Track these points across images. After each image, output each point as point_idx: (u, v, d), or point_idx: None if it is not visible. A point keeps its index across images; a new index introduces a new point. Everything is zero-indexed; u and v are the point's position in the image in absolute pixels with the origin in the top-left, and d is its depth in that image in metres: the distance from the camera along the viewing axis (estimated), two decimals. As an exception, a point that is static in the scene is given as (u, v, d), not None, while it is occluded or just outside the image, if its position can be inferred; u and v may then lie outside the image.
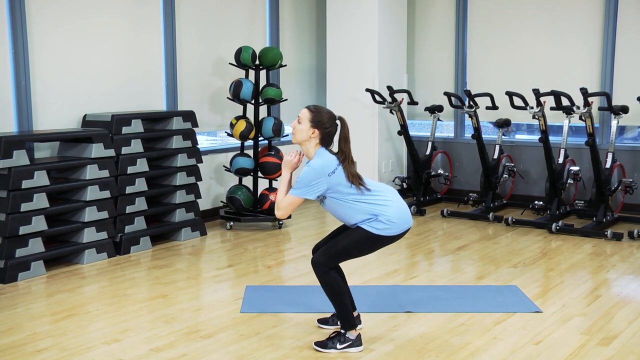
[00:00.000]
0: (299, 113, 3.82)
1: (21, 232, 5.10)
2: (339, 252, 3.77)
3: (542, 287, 4.96)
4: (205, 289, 5.02)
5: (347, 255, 3.80)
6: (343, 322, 3.81)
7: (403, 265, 5.60)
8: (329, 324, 4.13)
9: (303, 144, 3.81)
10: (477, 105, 7.37)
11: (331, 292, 3.75)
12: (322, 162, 3.73)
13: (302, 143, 3.81)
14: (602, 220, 6.65)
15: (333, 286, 3.74)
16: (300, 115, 3.80)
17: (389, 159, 8.25)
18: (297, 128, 3.79)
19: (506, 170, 7.52)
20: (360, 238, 3.75)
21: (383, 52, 7.94)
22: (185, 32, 6.87)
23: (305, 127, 3.77)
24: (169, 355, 3.76)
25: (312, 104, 3.97)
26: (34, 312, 4.45)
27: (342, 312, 3.79)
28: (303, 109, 3.82)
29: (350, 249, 3.78)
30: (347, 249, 3.77)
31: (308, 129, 3.76)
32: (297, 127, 3.79)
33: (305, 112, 3.79)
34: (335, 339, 3.82)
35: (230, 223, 6.76)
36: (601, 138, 7.36)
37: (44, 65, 5.73)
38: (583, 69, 7.48)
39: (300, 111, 3.83)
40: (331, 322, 4.13)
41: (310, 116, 3.77)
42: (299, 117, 3.79)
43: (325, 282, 3.74)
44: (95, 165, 5.61)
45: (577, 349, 3.82)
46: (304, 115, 3.78)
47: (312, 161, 3.76)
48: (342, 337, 3.80)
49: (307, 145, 3.80)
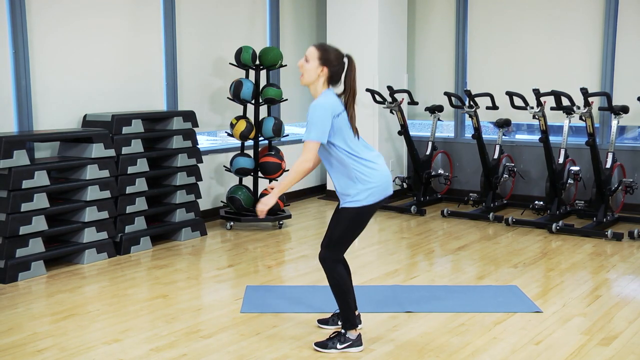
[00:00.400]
0: (306, 52, 3.69)
1: (21, 232, 5.10)
2: (338, 241, 3.77)
3: (542, 287, 4.96)
4: (206, 289, 5.02)
5: (347, 241, 3.80)
6: (344, 321, 3.81)
7: (403, 265, 5.60)
8: (329, 324, 4.13)
9: (311, 85, 3.70)
10: (477, 105, 7.37)
11: (337, 288, 3.76)
12: (329, 101, 3.63)
13: (310, 84, 3.70)
14: (603, 220, 6.65)
15: (339, 283, 3.76)
16: (307, 54, 3.68)
17: (389, 159, 8.25)
18: (305, 67, 3.66)
19: (506, 170, 7.52)
20: (349, 218, 3.73)
21: (383, 52, 7.94)
22: (186, 32, 6.87)
23: (313, 65, 3.66)
24: (169, 355, 3.76)
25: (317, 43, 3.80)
26: (34, 312, 4.45)
27: (344, 311, 3.80)
28: (310, 48, 3.70)
29: (346, 234, 3.77)
30: (343, 235, 3.77)
31: (317, 67, 3.65)
32: (305, 66, 3.66)
33: (313, 50, 3.67)
34: (335, 339, 3.82)
35: (230, 223, 6.76)
36: (601, 138, 7.36)
37: (44, 65, 5.73)
38: (583, 69, 7.48)
39: (306, 51, 3.71)
40: (331, 322, 4.13)
41: (318, 54, 3.66)
42: (306, 56, 3.67)
43: (332, 277, 3.76)
44: (96, 165, 5.61)
45: (578, 349, 3.82)
46: (312, 53, 3.67)
47: (318, 99, 3.65)
48: (342, 337, 3.81)
49: (315, 86, 3.69)
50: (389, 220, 7.20)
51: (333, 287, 3.78)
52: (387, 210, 7.64)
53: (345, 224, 3.74)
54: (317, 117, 3.59)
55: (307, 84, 3.71)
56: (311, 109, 3.62)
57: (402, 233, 6.69)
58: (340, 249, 3.80)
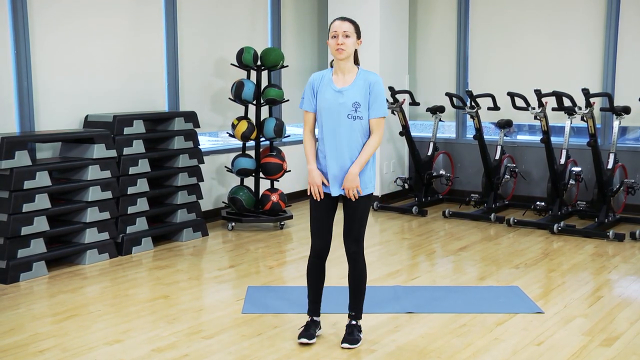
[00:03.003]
0: (336, 28, 3.68)
1: (23, 233, 5.10)
2: (363, 230, 3.82)
3: (543, 287, 4.96)
4: (207, 290, 5.02)
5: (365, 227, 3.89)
6: (360, 312, 3.92)
7: (405, 266, 5.60)
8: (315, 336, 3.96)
9: (347, 59, 3.72)
10: (478, 106, 7.37)
11: (364, 282, 3.87)
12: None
13: (347, 59, 3.72)
14: (604, 221, 6.64)
15: (366, 275, 3.88)
16: (345, 29, 3.67)
17: (391, 160, 8.25)
18: (347, 43, 3.67)
19: (508, 171, 7.52)
20: (368, 204, 3.81)
21: (385, 52, 7.94)
22: (187, 33, 6.88)
23: (354, 39, 3.71)
24: (171, 355, 3.76)
25: (340, 16, 3.84)
26: (36, 313, 4.45)
27: (362, 303, 3.90)
28: (344, 23, 3.70)
29: (366, 221, 3.85)
30: (365, 222, 3.83)
31: (355, 40, 3.73)
32: (346, 42, 3.67)
33: (349, 25, 3.71)
34: (356, 331, 3.89)
35: (231, 224, 6.76)
36: (603, 139, 7.35)
37: (46, 65, 5.74)
38: (585, 70, 7.47)
39: (335, 26, 3.69)
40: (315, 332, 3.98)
41: (354, 28, 3.73)
42: (345, 32, 3.67)
43: (364, 270, 3.85)
44: (97, 165, 5.61)
45: (579, 350, 3.82)
46: (350, 28, 3.69)
47: (376, 77, 3.73)
48: (359, 327, 3.92)
49: (350, 59, 3.74)
50: (391, 221, 7.20)
51: (363, 281, 3.86)
52: (389, 210, 7.64)
53: (367, 210, 3.82)
54: (383, 92, 3.77)
55: (346, 58, 3.72)
56: (380, 87, 3.72)
57: (404, 234, 6.69)
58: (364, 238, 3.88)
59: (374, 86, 3.70)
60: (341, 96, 3.70)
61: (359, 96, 3.69)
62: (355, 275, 3.85)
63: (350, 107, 3.69)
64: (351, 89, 3.71)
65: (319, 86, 3.78)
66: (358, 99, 3.69)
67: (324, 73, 3.82)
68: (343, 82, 3.74)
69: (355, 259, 3.81)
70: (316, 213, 3.82)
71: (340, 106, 3.70)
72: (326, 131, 3.74)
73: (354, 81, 3.73)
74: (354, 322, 3.91)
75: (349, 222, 3.79)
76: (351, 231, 3.79)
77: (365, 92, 3.70)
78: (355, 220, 3.78)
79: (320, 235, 3.83)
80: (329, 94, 3.73)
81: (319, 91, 3.77)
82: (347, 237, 3.80)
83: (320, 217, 3.81)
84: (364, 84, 3.71)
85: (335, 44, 3.68)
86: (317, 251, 3.86)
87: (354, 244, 3.80)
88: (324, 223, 3.82)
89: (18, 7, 5.48)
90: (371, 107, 3.71)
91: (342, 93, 3.71)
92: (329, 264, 3.98)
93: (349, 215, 3.79)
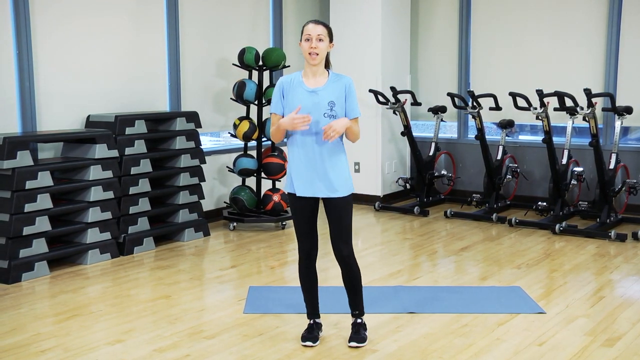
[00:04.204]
0: (310, 31, 3.64)
1: (25, 233, 5.11)
2: (351, 231, 3.84)
3: (545, 288, 4.95)
4: (209, 290, 5.02)
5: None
6: (362, 310, 3.93)
7: (406, 266, 5.59)
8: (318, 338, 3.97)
9: (320, 64, 3.71)
10: (480, 106, 7.36)
11: (360, 281, 3.87)
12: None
13: (319, 63, 3.71)
14: (606, 221, 6.64)
15: (360, 274, 3.88)
16: (319, 32, 3.63)
17: (392, 160, 8.25)
18: (321, 47, 3.65)
19: (509, 171, 7.51)
20: (351, 204, 3.84)
21: (386, 52, 7.94)
22: (189, 33, 6.88)
23: (327, 43, 3.70)
24: (172, 355, 3.76)
25: (313, 19, 3.82)
26: (38, 313, 4.46)
27: (362, 299, 3.91)
28: (317, 26, 3.66)
29: (352, 220, 3.87)
30: (351, 223, 3.85)
31: (328, 44, 3.72)
32: (319, 46, 3.65)
33: (323, 29, 3.67)
34: (361, 329, 3.91)
35: (233, 224, 6.77)
36: (605, 139, 7.35)
37: (48, 66, 5.74)
38: (587, 70, 7.47)
39: (309, 29, 3.65)
40: (318, 335, 3.99)
41: (327, 31, 3.70)
42: (319, 35, 3.63)
43: (357, 270, 3.85)
44: (99, 165, 5.61)
45: (581, 350, 3.81)
46: (323, 31, 3.66)
47: (350, 79, 3.76)
48: (364, 325, 3.94)
49: (322, 64, 3.74)
50: (392, 221, 7.20)
51: (358, 281, 3.86)
52: (390, 211, 7.64)
53: (351, 210, 3.84)
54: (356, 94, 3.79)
55: (319, 63, 3.70)
56: (352, 85, 3.74)
57: (405, 234, 6.69)
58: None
59: (350, 88, 3.73)
60: (315, 96, 3.69)
61: (333, 96, 3.70)
62: (350, 277, 3.85)
63: (326, 105, 3.68)
64: (325, 90, 3.71)
65: (288, 89, 3.74)
66: (332, 98, 3.70)
67: (293, 76, 3.79)
68: (315, 83, 3.73)
69: (348, 262, 3.80)
70: (299, 216, 3.84)
71: (316, 106, 3.68)
72: (301, 132, 3.70)
73: (327, 82, 3.72)
74: (359, 321, 3.93)
75: (336, 225, 3.79)
76: (340, 234, 3.79)
77: (341, 93, 3.71)
78: (341, 221, 3.79)
79: (307, 235, 3.85)
80: (301, 95, 3.71)
81: (288, 94, 3.73)
82: (337, 240, 3.80)
83: (304, 218, 3.83)
84: (338, 86, 3.72)
85: (308, 47, 3.66)
86: (306, 252, 3.87)
87: (344, 246, 3.79)
88: (308, 223, 3.85)
89: (20, 7, 5.48)
90: (348, 108, 3.73)
91: (317, 93, 3.70)
92: (328, 264, 3.99)
93: (334, 219, 3.79)
